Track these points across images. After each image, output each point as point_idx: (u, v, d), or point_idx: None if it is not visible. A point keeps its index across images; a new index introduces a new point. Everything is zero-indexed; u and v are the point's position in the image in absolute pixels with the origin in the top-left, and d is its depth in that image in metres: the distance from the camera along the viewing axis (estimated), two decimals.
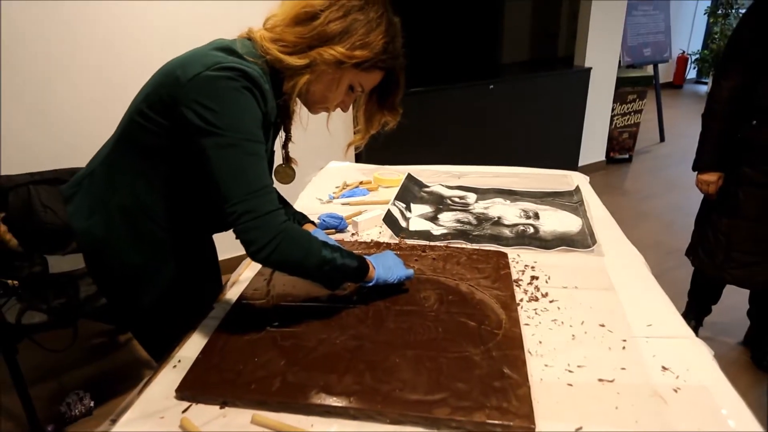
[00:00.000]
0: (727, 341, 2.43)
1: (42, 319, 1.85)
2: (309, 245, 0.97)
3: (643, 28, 4.93)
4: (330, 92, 1.04)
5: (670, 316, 1.12)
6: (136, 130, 0.99)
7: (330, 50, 0.96)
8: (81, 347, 2.40)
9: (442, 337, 1.01)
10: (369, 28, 0.97)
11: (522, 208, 1.69)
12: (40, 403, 2.01)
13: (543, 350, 1.01)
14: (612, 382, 0.92)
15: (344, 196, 1.83)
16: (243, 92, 0.91)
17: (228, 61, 0.91)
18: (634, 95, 4.70)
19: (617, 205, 4.00)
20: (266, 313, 1.10)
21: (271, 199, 0.93)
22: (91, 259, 1.13)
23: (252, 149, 0.92)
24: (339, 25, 0.95)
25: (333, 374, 0.91)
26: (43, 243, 2.00)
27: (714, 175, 2.01)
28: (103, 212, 1.05)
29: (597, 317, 1.11)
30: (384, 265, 1.12)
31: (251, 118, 0.93)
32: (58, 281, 1.93)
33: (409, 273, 1.15)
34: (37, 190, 2.03)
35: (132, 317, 1.20)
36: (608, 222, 1.61)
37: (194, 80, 0.90)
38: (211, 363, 0.96)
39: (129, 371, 2.32)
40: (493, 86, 3.53)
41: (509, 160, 3.73)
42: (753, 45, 1.82)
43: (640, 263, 1.36)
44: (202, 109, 0.89)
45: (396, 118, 1.16)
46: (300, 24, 0.96)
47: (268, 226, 0.92)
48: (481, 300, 1.14)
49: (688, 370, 0.95)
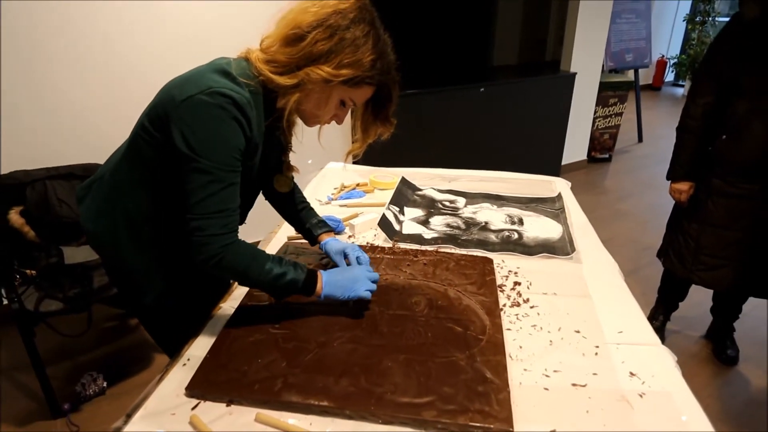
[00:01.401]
0: (692, 335, 2.48)
1: (58, 306, 1.86)
2: (251, 262, 1.00)
3: (625, 35, 4.93)
4: (320, 108, 1.05)
5: (639, 324, 1.15)
6: (140, 143, 1.01)
7: (317, 70, 0.96)
8: (94, 330, 2.42)
9: (431, 342, 1.04)
10: (356, 47, 0.97)
11: (508, 213, 1.71)
12: (57, 382, 2.03)
13: (523, 355, 1.04)
14: (584, 386, 0.95)
15: (342, 197, 1.85)
16: (228, 121, 0.93)
17: (220, 86, 0.92)
18: (616, 99, 4.72)
19: (597, 203, 4.04)
20: (269, 315, 1.12)
21: (224, 223, 0.96)
22: (101, 257, 1.16)
23: (220, 177, 0.94)
24: (325, 45, 0.95)
25: (330, 376, 0.94)
26: (58, 235, 2.00)
27: (686, 184, 2.04)
28: (108, 216, 1.08)
29: (573, 323, 1.14)
30: (338, 282, 1.08)
31: (230, 147, 0.95)
32: (73, 271, 1.94)
33: (361, 294, 1.09)
34: (53, 185, 2.03)
35: (139, 312, 1.22)
36: (587, 229, 1.63)
37: (186, 102, 0.91)
38: (218, 363, 0.98)
39: (139, 353, 2.34)
40: (484, 89, 3.53)
41: (498, 158, 3.79)
42: (725, 67, 1.84)
43: (614, 271, 1.39)
44: (187, 131, 0.92)
45: (389, 130, 1.16)
46: (289, 45, 0.97)
47: (212, 245, 0.96)
48: (468, 306, 1.17)
49: (653, 376, 0.99)
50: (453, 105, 3.45)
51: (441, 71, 3.85)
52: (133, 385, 2.14)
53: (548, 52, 4.58)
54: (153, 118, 0.98)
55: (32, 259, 1.93)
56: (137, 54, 2.41)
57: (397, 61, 1.06)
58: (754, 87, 1.79)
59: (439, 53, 3.85)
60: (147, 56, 2.44)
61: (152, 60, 2.45)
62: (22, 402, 2.05)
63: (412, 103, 3.23)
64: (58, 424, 1.94)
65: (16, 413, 1.99)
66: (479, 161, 3.31)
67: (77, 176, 2.09)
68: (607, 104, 4.70)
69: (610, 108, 4.74)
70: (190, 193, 0.94)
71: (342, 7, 0.96)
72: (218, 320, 1.14)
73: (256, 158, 1.08)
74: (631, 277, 1.34)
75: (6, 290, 1.88)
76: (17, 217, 1.93)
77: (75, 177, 2.08)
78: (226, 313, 1.16)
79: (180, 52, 2.49)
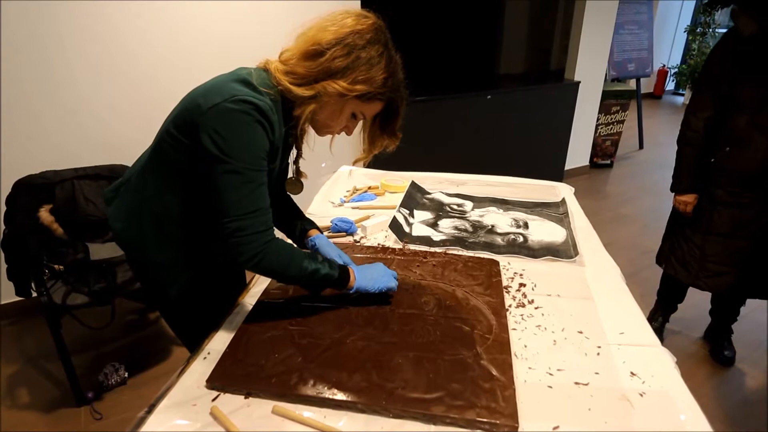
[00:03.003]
0: (690, 335, 2.46)
1: (84, 300, 1.89)
2: (290, 259, 1.03)
3: (628, 45, 4.90)
4: (333, 119, 1.07)
5: (639, 325, 1.14)
6: (165, 148, 1.03)
7: (334, 84, 0.99)
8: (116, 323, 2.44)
9: (439, 340, 1.05)
10: (370, 65, 1.00)
11: (513, 217, 1.71)
12: (81, 371, 2.06)
13: (527, 354, 1.04)
14: (587, 385, 0.96)
15: (354, 200, 1.86)
16: (253, 125, 0.95)
17: (243, 94, 0.94)
18: (618, 107, 4.69)
19: (599, 207, 4.02)
20: (285, 312, 1.13)
21: (262, 221, 0.98)
22: (127, 254, 1.17)
23: (252, 177, 0.96)
24: (343, 62, 0.98)
25: (344, 372, 0.94)
26: (85, 232, 2.03)
27: (691, 196, 2.03)
28: (135, 216, 1.10)
29: (576, 324, 1.14)
30: (366, 276, 1.14)
31: (257, 148, 0.96)
32: (98, 267, 1.96)
33: (391, 285, 1.16)
34: (80, 185, 2.06)
35: (162, 305, 1.24)
36: (589, 232, 1.63)
37: (213, 109, 0.93)
38: (237, 357, 0.99)
39: (158, 346, 2.36)
40: (491, 96, 3.53)
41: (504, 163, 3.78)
42: (722, 81, 1.83)
43: (615, 274, 1.39)
44: (216, 136, 0.93)
45: (395, 143, 1.19)
46: (309, 59, 0.99)
47: (255, 243, 0.98)
48: (475, 306, 1.17)
49: (653, 376, 0.98)
50: (461, 111, 3.45)
51: (449, 79, 3.86)
52: (153, 376, 2.17)
53: (553, 61, 4.56)
54: (179, 125, 0.99)
55: (60, 254, 1.95)
56: (158, 61, 2.44)
57: (405, 80, 1.09)
58: (754, 100, 1.77)
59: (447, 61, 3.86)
60: (167, 63, 2.46)
61: (173, 67, 2.47)
62: (49, 390, 2.08)
63: (422, 110, 3.23)
64: (82, 411, 1.96)
65: (43, 400, 2.02)
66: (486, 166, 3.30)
67: (103, 177, 2.11)
68: (609, 112, 4.68)
69: (612, 115, 4.71)
70: (224, 196, 0.95)
71: (359, 28, 0.99)
72: (237, 316, 1.16)
73: (277, 162, 1.09)
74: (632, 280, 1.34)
75: (36, 284, 1.91)
76: (47, 215, 1.96)
77: (101, 177, 2.10)
78: (245, 309, 1.17)
79: (199, 62, 2.51)
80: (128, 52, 2.35)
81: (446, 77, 3.83)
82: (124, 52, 2.34)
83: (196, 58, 2.51)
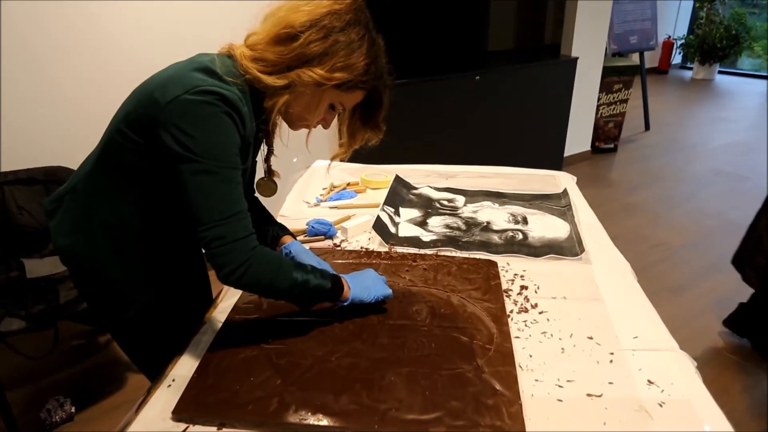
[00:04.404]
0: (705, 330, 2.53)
1: (20, 325, 1.85)
2: (278, 269, 1.01)
3: (629, 16, 5.00)
4: (309, 112, 1.07)
5: (655, 328, 1.18)
6: (116, 149, 1.01)
7: (309, 72, 0.98)
8: (60, 350, 2.40)
9: (435, 353, 1.06)
10: (350, 50, 1.00)
11: (510, 212, 1.74)
12: (19, 409, 2.02)
13: (533, 364, 1.07)
14: (600, 396, 0.98)
15: (332, 198, 1.86)
16: (221, 117, 0.93)
17: (207, 84, 0.93)
18: (620, 84, 4.78)
19: (603, 197, 4.10)
20: (260, 329, 1.13)
21: (243, 225, 0.96)
22: (74, 274, 1.16)
23: (227, 176, 0.95)
24: (319, 47, 0.97)
25: (330, 394, 0.95)
26: (20, 246, 1.99)
27: None
28: (85, 229, 1.08)
29: (585, 329, 1.17)
30: (361, 284, 1.14)
31: (228, 143, 0.95)
32: (36, 286, 1.93)
33: (387, 293, 1.17)
34: (11, 191, 2.02)
35: (116, 328, 1.23)
36: (595, 226, 1.67)
37: (173, 103, 0.91)
38: (207, 383, 0.99)
39: (111, 374, 2.33)
40: (479, 77, 3.57)
41: (496, 151, 3.82)
42: None
43: (626, 271, 1.42)
44: (179, 133, 0.91)
45: (379, 136, 1.19)
46: (280, 44, 0.98)
47: (238, 252, 0.95)
48: (473, 313, 1.19)
49: (672, 383, 1.01)
50: (446, 95, 3.48)
51: (431, 59, 3.88)
52: (106, 409, 2.14)
53: (547, 36, 4.63)
54: (132, 123, 0.98)
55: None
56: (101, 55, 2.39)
57: (388, 65, 1.09)
58: None
59: (429, 39, 3.87)
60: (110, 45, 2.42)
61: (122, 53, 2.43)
62: None
63: (402, 94, 3.23)
64: None
65: None
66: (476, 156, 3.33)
67: (38, 181, 2.08)
68: (611, 90, 4.77)
69: (614, 94, 4.80)
70: (197, 201, 0.93)
71: (337, 8, 0.98)
72: (204, 335, 1.15)
73: (249, 160, 1.09)
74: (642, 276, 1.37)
75: None
76: None
77: (36, 182, 2.07)
78: (213, 328, 1.17)
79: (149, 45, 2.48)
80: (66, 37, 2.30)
81: (428, 57, 3.85)
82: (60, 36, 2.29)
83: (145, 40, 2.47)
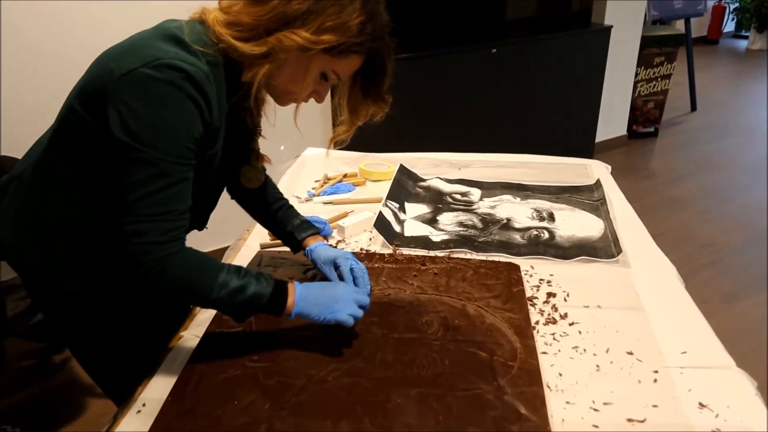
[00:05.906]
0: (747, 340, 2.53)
1: None
2: (198, 275, 1.00)
3: None
4: (296, 83, 1.06)
5: (707, 342, 1.18)
6: (69, 131, 1.01)
7: (292, 35, 0.97)
8: (7, 372, 2.41)
9: (449, 372, 1.06)
10: (340, 6, 0.98)
11: (534, 207, 1.74)
12: None
13: (564, 384, 1.06)
14: (643, 422, 0.98)
15: (326, 192, 1.86)
16: (181, 101, 0.93)
17: (170, 57, 0.92)
18: (662, 57, 4.78)
19: (642, 190, 4.10)
20: (244, 344, 1.14)
21: (167, 228, 0.96)
22: (25, 280, 1.15)
23: (168, 170, 0.94)
24: (302, 4, 0.96)
25: (327, 420, 0.95)
26: None
27: None
28: (34, 226, 1.07)
29: (624, 343, 1.16)
30: (313, 297, 1.08)
31: (182, 134, 0.94)
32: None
33: (341, 318, 1.07)
34: None
35: (78, 347, 1.22)
36: (634, 223, 1.67)
37: (128, 76, 0.91)
38: (184, 407, 0.99)
39: (69, 398, 2.34)
40: (496, 50, 3.57)
41: (516, 137, 3.83)
42: None
43: (671, 275, 1.42)
44: (127, 112, 0.91)
45: (384, 110, 1.17)
46: (257, 3, 0.97)
47: (149, 255, 0.95)
48: (492, 325, 1.19)
49: (728, 407, 1.01)
50: (458, 71, 3.48)
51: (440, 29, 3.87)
52: None
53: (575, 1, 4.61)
54: (85, 99, 0.97)
55: None
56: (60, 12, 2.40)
57: (391, 23, 1.07)
58: None
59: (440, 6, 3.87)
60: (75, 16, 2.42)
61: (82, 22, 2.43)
62: None
63: (409, 70, 3.24)
64: None
65: None
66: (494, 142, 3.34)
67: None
68: (651, 65, 4.76)
69: (655, 69, 4.80)
70: (127, 191, 0.94)
71: None
72: (179, 353, 1.15)
73: (217, 146, 1.08)
74: (689, 281, 1.37)
75: None
76: None
77: None
78: (190, 344, 1.17)
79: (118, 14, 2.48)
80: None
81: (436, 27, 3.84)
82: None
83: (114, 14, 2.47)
